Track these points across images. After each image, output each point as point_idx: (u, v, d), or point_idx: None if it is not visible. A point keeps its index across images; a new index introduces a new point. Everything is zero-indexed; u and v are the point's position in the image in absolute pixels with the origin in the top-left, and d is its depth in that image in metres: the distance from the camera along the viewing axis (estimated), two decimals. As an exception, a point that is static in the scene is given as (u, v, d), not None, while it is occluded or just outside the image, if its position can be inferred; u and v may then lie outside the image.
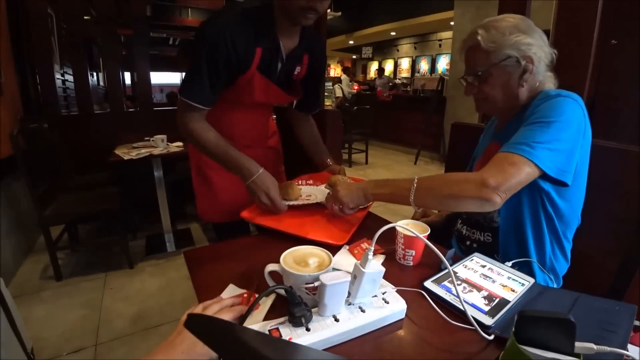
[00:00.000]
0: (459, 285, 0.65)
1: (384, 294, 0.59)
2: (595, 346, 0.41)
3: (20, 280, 2.05)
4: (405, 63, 10.31)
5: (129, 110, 3.07)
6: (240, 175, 0.98)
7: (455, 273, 0.70)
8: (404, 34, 9.70)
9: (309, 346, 0.47)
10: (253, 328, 0.48)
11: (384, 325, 0.56)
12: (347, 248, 0.81)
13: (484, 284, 0.67)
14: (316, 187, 1.12)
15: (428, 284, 0.66)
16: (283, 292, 0.52)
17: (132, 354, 1.49)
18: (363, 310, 0.55)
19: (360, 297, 0.57)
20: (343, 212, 0.87)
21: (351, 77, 8.80)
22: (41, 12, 2.46)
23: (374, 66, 11.28)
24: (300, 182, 1.17)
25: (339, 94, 7.05)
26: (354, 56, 12.35)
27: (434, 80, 6.11)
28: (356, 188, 0.85)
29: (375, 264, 0.56)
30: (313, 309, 0.53)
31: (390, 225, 0.61)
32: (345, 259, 0.76)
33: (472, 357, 0.51)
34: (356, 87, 8.17)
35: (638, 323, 0.54)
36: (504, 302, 0.61)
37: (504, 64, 0.82)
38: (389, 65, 10.77)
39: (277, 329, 0.50)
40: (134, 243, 2.50)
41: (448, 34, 8.12)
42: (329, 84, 7.35)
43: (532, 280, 0.68)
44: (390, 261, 0.77)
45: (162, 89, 7.25)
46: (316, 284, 0.53)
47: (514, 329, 0.42)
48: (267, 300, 0.61)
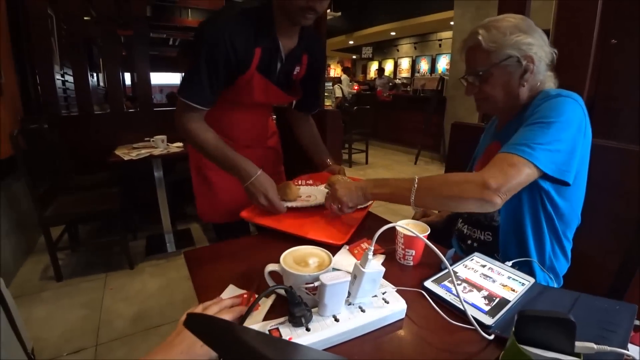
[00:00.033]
0: (459, 285, 0.65)
1: (384, 293, 0.59)
2: (595, 346, 0.41)
3: (20, 280, 2.05)
4: (405, 63, 10.31)
5: (129, 110, 3.07)
6: (238, 176, 0.98)
7: (455, 273, 0.70)
8: (404, 34, 9.70)
9: (309, 346, 0.47)
10: (253, 328, 0.48)
11: (384, 325, 0.56)
12: (347, 248, 0.81)
13: (484, 284, 0.67)
14: (316, 188, 1.12)
15: (428, 283, 0.66)
16: (283, 292, 0.52)
17: (133, 355, 1.49)
18: (363, 310, 0.55)
19: (360, 297, 0.57)
20: (342, 211, 0.87)
21: (351, 77, 8.80)
22: (41, 12, 2.46)
23: (374, 66, 11.28)
24: (300, 182, 1.17)
25: (339, 94, 7.06)
26: (354, 56, 12.35)
27: (434, 80, 6.11)
28: (355, 187, 0.84)
29: (375, 264, 0.56)
30: (313, 309, 0.53)
31: (390, 225, 0.61)
32: (345, 259, 0.76)
33: (472, 357, 0.51)
34: (356, 87, 8.17)
35: (638, 322, 0.54)
36: (504, 302, 0.61)
37: (504, 63, 0.82)
38: (389, 65, 10.77)
39: (277, 329, 0.50)
40: (134, 243, 2.51)
41: (448, 34, 8.12)
42: (329, 84, 7.36)
43: (533, 280, 0.68)
44: (390, 261, 0.77)
45: (162, 90, 7.24)
46: (316, 284, 0.53)
47: (514, 328, 0.42)
48: (267, 301, 0.61)
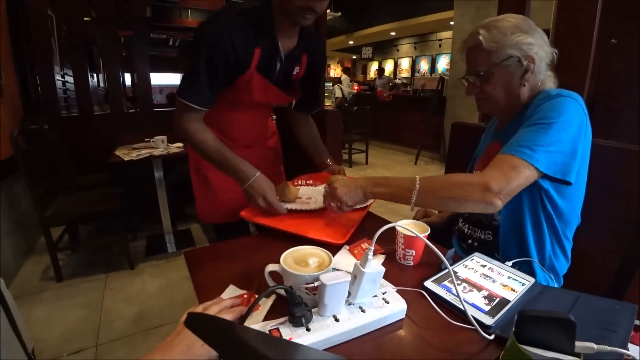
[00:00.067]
0: (459, 285, 0.65)
1: (384, 293, 0.59)
2: (595, 345, 0.41)
3: (21, 281, 2.05)
4: (405, 63, 10.31)
5: (129, 111, 3.07)
6: (237, 178, 0.98)
7: (455, 273, 0.70)
8: (404, 34, 9.70)
9: (309, 346, 0.47)
10: (253, 328, 0.48)
11: (384, 325, 0.57)
12: (347, 248, 0.81)
13: (484, 284, 0.67)
14: (316, 188, 1.12)
15: (428, 283, 0.66)
16: (283, 292, 0.52)
17: (133, 355, 1.49)
18: (363, 310, 0.55)
19: (360, 297, 0.57)
20: (341, 210, 0.86)
21: (351, 78, 8.80)
22: (41, 13, 2.46)
23: (374, 66, 11.28)
24: (299, 183, 1.17)
25: (338, 94, 7.06)
26: (354, 56, 12.35)
27: (434, 80, 6.11)
28: (355, 186, 0.83)
29: (375, 264, 0.56)
30: (313, 309, 0.53)
31: (390, 225, 0.61)
32: (345, 259, 0.76)
33: (473, 357, 0.51)
34: (356, 87, 8.17)
35: (638, 322, 0.54)
36: (504, 302, 0.61)
37: (505, 63, 0.82)
38: (389, 66, 10.77)
39: (277, 329, 0.50)
40: (134, 244, 2.51)
41: (448, 34, 8.12)
42: (329, 84, 7.35)
43: (533, 280, 0.68)
44: (391, 261, 0.77)
45: (162, 90, 7.23)
46: (316, 284, 0.53)
47: (514, 328, 0.42)
48: (268, 301, 0.61)
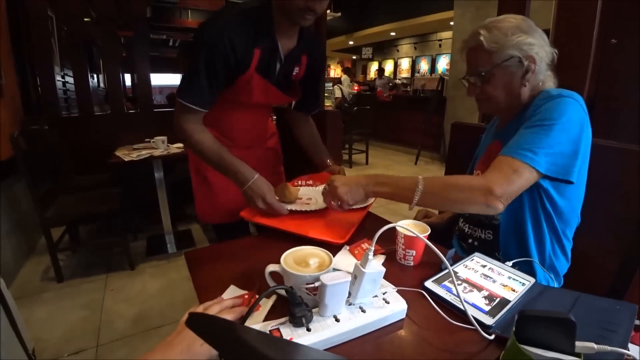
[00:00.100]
0: (459, 285, 0.66)
1: (384, 294, 0.59)
2: (595, 345, 0.41)
3: (21, 281, 2.05)
4: (405, 63, 10.31)
5: (129, 111, 3.07)
6: (235, 180, 0.98)
7: (455, 273, 0.70)
8: (404, 34, 9.70)
9: (310, 346, 0.47)
10: (254, 328, 0.49)
11: (385, 325, 0.57)
12: (348, 248, 0.81)
13: (484, 284, 0.67)
14: (316, 189, 1.11)
15: (428, 284, 0.66)
16: (284, 293, 0.52)
17: (133, 355, 1.49)
18: (363, 311, 0.55)
19: (360, 297, 0.57)
20: (342, 209, 0.86)
21: (352, 78, 8.79)
22: (41, 13, 2.46)
23: (374, 66, 11.28)
24: (300, 183, 1.17)
25: (338, 94, 7.06)
26: (354, 57, 12.35)
27: (434, 81, 6.11)
28: (356, 184, 0.82)
29: (375, 264, 0.56)
30: (314, 309, 0.53)
31: (391, 225, 0.61)
32: (345, 259, 0.76)
33: (473, 357, 0.51)
34: (356, 88, 8.17)
35: (639, 322, 0.54)
36: (504, 302, 0.61)
37: (506, 64, 0.82)
38: (389, 66, 10.77)
39: (278, 329, 0.50)
40: (134, 244, 2.51)
41: (448, 34, 8.12)
42: (329, 84, 7.35)
43: (533, 280, 0.68)
44: (391, 261, 0.78)
45: (162, 91, 7.22)
46: (317, 284, 0.53)
47: (514, 328, 0.42)
48: (268, 301, 0.61)
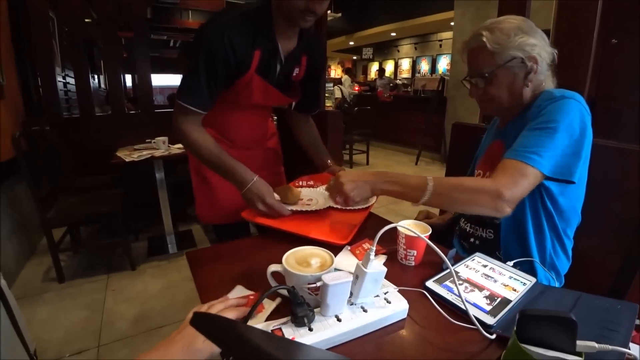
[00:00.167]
0: (460, 285, 0.66)
1: (385, 293, 0.60)
2: (596, 345, 0.41)
3: (22, 282, 2.05)
4: (405, 63, 10.31)
5: (130, 112, 3.07)
6: (234, 182, 0.98)
7: (456, 273, 0.70)
8: (404, 35, 9.70)
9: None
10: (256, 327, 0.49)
11: (386, 325, 0.57)
12: (349, 248, 0.81)
13: (485, 284, 0.67)
14: (316, 190, 1.11)
15: (430, 283, 0.67)
16: (285, 293, 0.53)
17: (134, 356, 1.48)
18: (365, 310, 0.55)
19: (362, 297, 0.57)
20: (346, 204, 0.85)
21: (352, 78, 8.80)
22: (42, 14, 2.46)
23: (374, 67, 11.28)
24: (300, 184, 1.17)
25: (338, 95, 7.06)
26: (355, 57, 12.35)
27: (434, 81, 6.11)
28: (363, 181, 0.80)
29: (377, 264, 0.56)
30: (315, 309, 0.53)
31: (392, 225, 0.61)
32: (347, 259, 0.76)
33: (474, 357, 0.51)
34: (357, 88, 8.17)
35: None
36: (505, 302, 0.61)
37: (509, 65, 0.83)
38: (389, 66, 10.77)
39: (280, 329, 0.51)
40: (135, 244, 2.51)
41: (448, 34, 8.11)
42: (330, 85, 7.35)
43: (534, 280, 0.68)
44: (392, 261, 0.78)
45: (163, 91, 7.22)
46: (318, 284, 0.53)
47: (515, 328, 0.42)
48: (272, 304, 0.61)
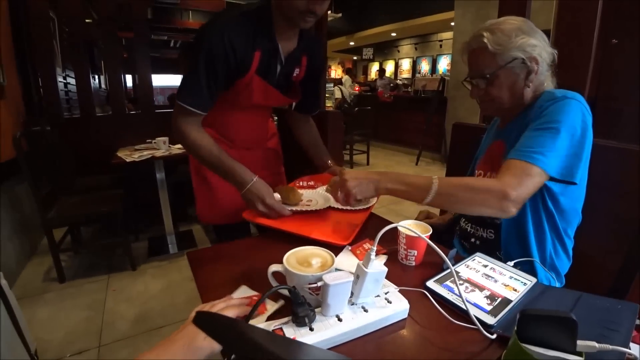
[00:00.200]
0: (461, 284, 0.66)
1: (386, 293, 0.60)
2: (597, 344, 0.42)
3: (23, 282, 2.05)
4: (406, 64, 10.31)
5: (131, 112, 3.07)
6: (234, 183, 0.98)
7: (457, 273, 0.70)
8: (405, 35, 9.70)
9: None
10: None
11: (387, 324, 0.57)
12: (350, 248, 0.81)
13: (486, 284, 0.67)
14: (317, 191, 1.11)
15: (430, 283, 0.67)
16: (286, 292, 0.53)
17: (135, 356, 1.47)
18: (366, 310, 0.55)
19: (363, 297, 0.57)
20: (347, 202, 0.84)
21: (353, 78, 8.79)
22: (43, 14, 2.46)
23: (374, 67, 11.28)
24: (301, 184, 1.17)
25: (338, 95, 7.06)
26: (355, 57, 12.36)
27: (434, 81, 6.11)
28: (367, 180, 0.79)
29: (377, 264, 0.56)
30: (316, 309, 0.54)
31: (392, 225, 0.61)
32: (347, 260, 0.76)
33: (475, 357, 0.51)
34: (357, 88, 8.17)
35: (640, 322, 0.54)
36: (506, 302, 0.61)
37: (510, 65, 0.83)
38: (389, 66, 10.77)
39: (281, 328, 0.51)
40: (136, 245, 2.51)
41: (449, 35, 8.11)
42: (330, 85, 7.35)
43: (534, 280, 0.68)
44: (393, 261, 0.78)
45: (163, 91, 7.23)
46: (319, 284, 0.53)
47: (516, 327, 0.42)
48: (274, 305, 0.61)
